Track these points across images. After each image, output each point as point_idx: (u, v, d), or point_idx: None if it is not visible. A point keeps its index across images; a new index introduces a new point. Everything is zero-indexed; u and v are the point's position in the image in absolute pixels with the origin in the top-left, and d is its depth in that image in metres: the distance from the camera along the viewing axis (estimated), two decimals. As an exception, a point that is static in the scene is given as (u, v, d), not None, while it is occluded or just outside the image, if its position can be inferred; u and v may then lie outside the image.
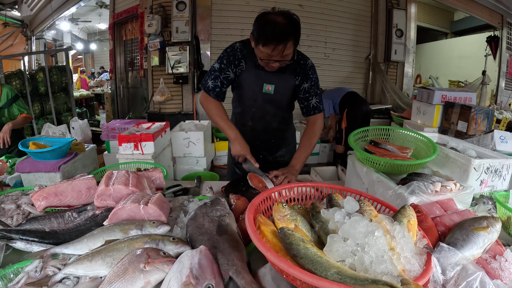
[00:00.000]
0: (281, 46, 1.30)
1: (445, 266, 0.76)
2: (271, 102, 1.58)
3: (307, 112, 1.61)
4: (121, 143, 2.26)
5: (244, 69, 1.52)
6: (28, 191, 1.38)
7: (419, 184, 1.08)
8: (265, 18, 1.33)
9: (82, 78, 10.22)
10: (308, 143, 1.58)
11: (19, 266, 0.87)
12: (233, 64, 1.50)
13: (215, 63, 1.53)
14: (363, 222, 0.74)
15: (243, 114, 1.66)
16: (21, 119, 2.35)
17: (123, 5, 5.45)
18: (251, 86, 1.55)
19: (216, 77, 1.51)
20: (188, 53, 4.51)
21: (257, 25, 1.34)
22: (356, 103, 4.00)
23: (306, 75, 1.54)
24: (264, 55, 1.36)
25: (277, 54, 1.33)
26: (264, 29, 1.30)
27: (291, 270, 0.61)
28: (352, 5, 5.24)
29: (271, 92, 1.54)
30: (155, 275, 0.74)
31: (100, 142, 3.81)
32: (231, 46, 1.52)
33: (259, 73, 1.51)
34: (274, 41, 1.29)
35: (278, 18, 1.30)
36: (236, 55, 1.50)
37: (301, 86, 1.55)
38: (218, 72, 1.51)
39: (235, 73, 1.53)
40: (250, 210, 0.82)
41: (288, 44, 1.30)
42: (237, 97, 1.66)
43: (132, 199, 1.04)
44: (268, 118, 1.64)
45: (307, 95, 1.57)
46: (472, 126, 2.63)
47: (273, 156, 1.76)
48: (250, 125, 1.66)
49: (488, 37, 5.82)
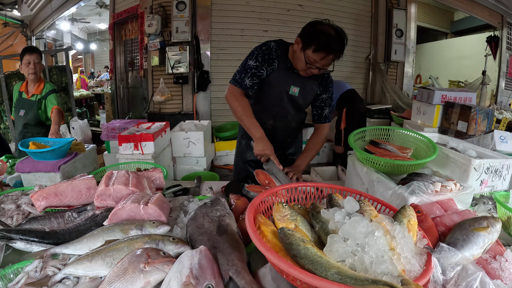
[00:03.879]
0: (331, 56, 1.41)
1: (445, 266, 0.76)
2: (294, 103, 1.66)
3: (318, 120, 1.72)
4: (121, 143, 2.27)
5: (276, 68, 1.57)
6: (28, 191, 1.38)
7: (419, 184, 1.08)
8: (320, 27, 1.42)
9: (82, 78, 10.22)
10: (314, 148, 1.68)
11: (19, 266, 0.87)
12: (267, 62, 1.56)
13: (250, 61, 1.55)
14: (363, 222, 0.74)
15: (265, 112, 1.69)
16: (55, 115, 2.43)
17: (123, 5, 5.44)
18: (279, 86, 1.61)
19: (253, 74, 1.55)
20: (188, 53, 4.51)
21: (311, 31, 1.42)
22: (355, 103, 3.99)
23: (326, 87, 1.67)
24: (311, 60, 1.43)
25: (323, 63, 1.43)
26: (319, 37, 1.39)
27: (291, 270, 0.61)
28: (352, 5, 5.24)
29: (296, 94, 1.62)
30: (155, 275, 0.74)
31: (100, 142, 3.81)
32: (266, 44, 1.57)
33: (289, 75, 1.58)
34: (326, 50, 1.39)
35: (331, 31, 1.40)
36: (271, 54, 1.55)
37: (320, 96, 1.67)
38: (255, 69, 1.54)
39: (267, 71, 1.57)
40: (250, 210, 0.82)
41: (335, 57, 1.42)
42: (261, 95, 1.67)
43: (132, 199, 1.04)
44: (289, 118, 1.72)
45: (323, 105, 1.69)
46: (472, 126, 2.63)
47: (284, 154, 1.82)
48: (271, 123, 1.72)
49: (488, 37, 5.82)
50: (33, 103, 2.49)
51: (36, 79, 2.49)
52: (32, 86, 2.51)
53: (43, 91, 2.49)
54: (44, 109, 2.52)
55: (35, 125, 2.53)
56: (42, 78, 2.59)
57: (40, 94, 2.49)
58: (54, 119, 2.39)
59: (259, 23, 4.60)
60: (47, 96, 2.49)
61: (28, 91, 2.52)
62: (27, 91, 2.53)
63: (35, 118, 2.51)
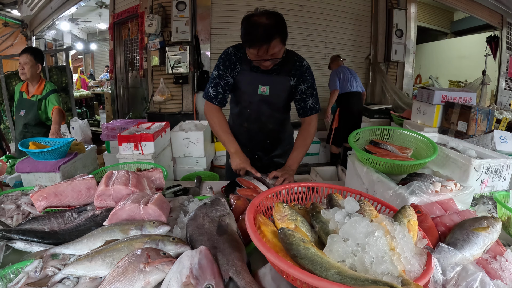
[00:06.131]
0: (265, 46, 1.33)
1: (445, 266, 0.75)
2: (266, 103, 1.60)
3: (303, 113, 1.62)
4: (121, 143, 2.27)
5: (239, 71, 1.55)
6: (28, 191, 1.38)
7: (419, 184, 1.08)
8: (249, 20, 1.36)
9: (82, 78, 10.22)
10: (303, 144, 1.60)
11: (19, 266, 0.87)
12: (229, 68, 1.54)
13: (214, 71, 1.57)
14: (363, 223, 0.74)
15: (239, 115, 1.69)
16: (56, 115, 2.43)
17: (123, 5, 5.45)
18: (246, 87, 1.57)
19: (216, 84, 1.56)
20: (188, 53, 4.51)
21: (242, 28, 1.38)
22: (350, 106, 4.02)
23: (302, 77, 1.55)
24: (253, 56, 1.40)
25: (264, 54, 1.37)
26: (248, 31, 1.35)
27: (291, 270, 0.61)
28: (352, 5, 5.24)
29: (267, 93, 1.56)
30: (155, 275, 0.74)
31: (100, 142, 3.81)
32: (225, 52, 1.56)
33: (254, 75, 1.54)
34: (258, 42, 1.33)
35: (261, 19, 1.33)
36: (231, 59, 1.54)
37: (298, 87, 1.57)
38: (217, 79, 1.55)
39: (233, 77, 1.56)
40: (250, 210, 0.82)
41: (272, 43, 1.34)
42: (234, 98, 1.69)
43: (132, 199, 1.04)
44: (263, 119, 1.66)
45: (304, 96, 1.58)
46: (472, 126, 2.63)
47: (268, 157, 1.78)
48: (245, 126, 1.69)
49: (488, 37, 5.82)
50: (34, 103, 2.49)
51: (31, 80, 2.47)
52: (33, 86, 2.51)
53: (43, 91, 2.49)
54: (44, 109, 2.51)
55: (35, 125, 2.53)
56: (43, 78, 2.58)
57: (40, 95, 2.48)
58: (55, 119, 2.38)
59: (259, 23, 4.61)
60: (47, 96, 2.49)
61: (28, 91, 2.52)
62: (27, 91, 2.52)
63: (35, 118, 2.50)
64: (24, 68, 2.38)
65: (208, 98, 1.59)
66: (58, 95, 2.54)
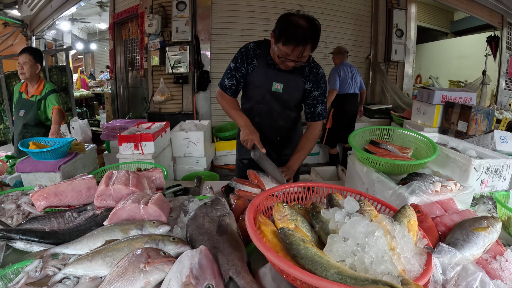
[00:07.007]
0: (300, 48, 1.37)
1: (445, 266, 0.76)
2: (279, 100, 1.64)
3: (311, 118, 1.68)
4: (121, 143, 2.27)
5: (256, 67, 1.59)
6: (28, 191, 1.38)
7: (419, 184, 1.08)
8: (289, 19, 1.39)
9: (82, 78, 10.23)
10: (307, 146, 1.65)
11: (19, 266, 0.87)
12: (246, 62, 1.58)
13: (231, 63, 1.62)
14: (363, 222, 0.74)
15: (251, 110, 1.70)
16: (55, 115, 2.42)
17: (123, 5, 5.44)
18: (261, 83, 1.61)
19: (232, 76, 1.61)
20: (188, 53, 4.51)
21: (280, 24, 1.40)
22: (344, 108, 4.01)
23: (317, 83, 1.61)
24: (282, 53, 1.42)
25: (295, 55, 1.40)
26: (287, 29, 1.37)
27: (291, 270, 0.61)
28: (352, 5, 5.24)
29: (280, 90, 1.61)
30: (155, 275, 0.74)
31: (100, 142, 3.81)
32: (245, 46, 1.61)
33: (270, 72, 1.57)
34: (294, 42, 1.35)
35: (301, 21, 1.38)
36: (249, 54, 1.58)
37: (311, 92, 1.63)
38: (234, 71, 1.60)
39: (247, 70, 1.60)
40: (250, 210, 0.82)
41: (306, 48, 1.37)
42: (246, 93, 1.72)
43: (132, 199, 1.04)
44: (275, 115, 1.69)
45: (315, 102, 1.65)
46: (472, 126, 2.63)
47: (278, 154, 1.80)
48: (257, 121, 1.70)
49: (488, 37, 5.81)
50: (33, 104, 2.48)
51: (30, 80, 2.46)
52: (32, 86, 2.50)
53: (42, 91, 2.48)
54: (43, 110, 2.51)
55: (34, 126, 2.53)
56: (42, 78, 2.57)
57: (39, 95, 2.48)
58: (55, 119, 2.38)
59: (259, 23, 4.60)
60: (47, 97, 2.48)
61: (28, 91, 2.52)
62: (26, 91, 2.52)
63: (34, 118, 2.50)
64: (23, 68, 2.38)
65: (222, 87, 1.64)
66: (57, 95, 2.53)
